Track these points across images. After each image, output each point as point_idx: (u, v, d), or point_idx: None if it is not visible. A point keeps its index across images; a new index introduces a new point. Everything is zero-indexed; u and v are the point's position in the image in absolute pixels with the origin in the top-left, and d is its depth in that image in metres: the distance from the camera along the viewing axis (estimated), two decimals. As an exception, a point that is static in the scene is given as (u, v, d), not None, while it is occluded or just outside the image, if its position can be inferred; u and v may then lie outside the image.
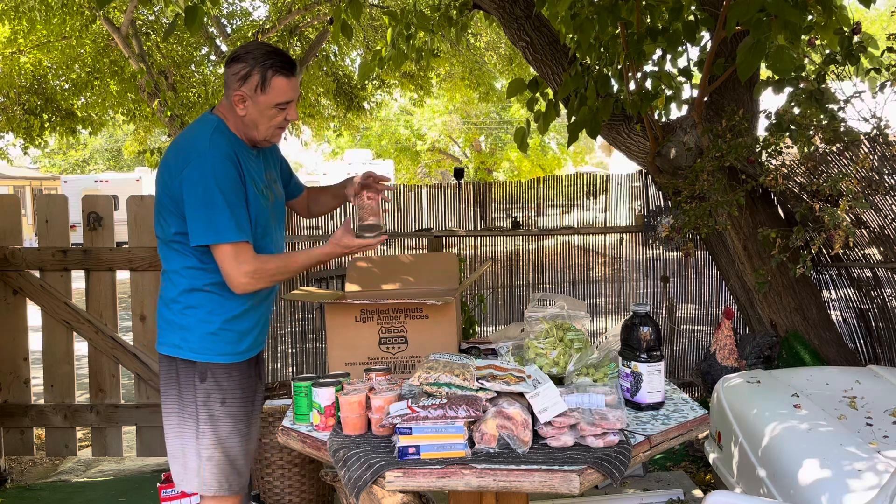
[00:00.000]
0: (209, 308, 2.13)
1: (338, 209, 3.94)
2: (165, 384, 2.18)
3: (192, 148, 2.08)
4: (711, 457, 3.05)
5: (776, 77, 3.42)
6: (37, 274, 4.02)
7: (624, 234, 5.04)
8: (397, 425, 1.75)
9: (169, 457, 2.20)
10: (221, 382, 2.14)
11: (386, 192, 2.31)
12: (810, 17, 3.21)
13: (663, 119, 3.86)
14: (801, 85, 3.38)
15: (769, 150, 3.45)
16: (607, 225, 5.16)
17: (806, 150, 3.35)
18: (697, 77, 3.68)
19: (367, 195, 2.22)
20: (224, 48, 10.10)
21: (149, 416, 4.03)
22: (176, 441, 2.17)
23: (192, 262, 2.11)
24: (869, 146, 3.27)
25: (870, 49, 3.41)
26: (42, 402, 4.11)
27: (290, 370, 5.06)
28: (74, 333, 4.06)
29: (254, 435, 2.27)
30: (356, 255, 2.43)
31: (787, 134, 3.35)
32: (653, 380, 2.05)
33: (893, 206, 3.39)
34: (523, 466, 1.68)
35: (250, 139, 2.17)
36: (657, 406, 2.06)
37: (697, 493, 3.50)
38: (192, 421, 2.14)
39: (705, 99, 3.64)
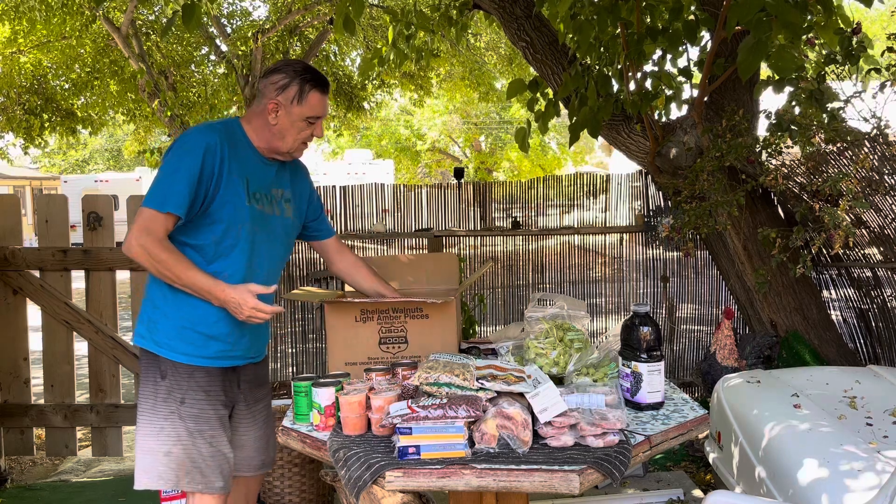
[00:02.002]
0: (172, 303, 2.13)
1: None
2: (140, 375, 2.21)
3: (185, 132, 2.16)
4: (711, 457, 3.05)
5: (776, 77, 3.42)
6: (37, 274, 4.02)
7: (624, 234, 5.04)
8: (397, 425, 1.75)
9: (135, 446, 2.21)
10: (181, 382, 2.14)
11: None
12: (810, 17, 3.21)
13: (663, 119, 3.86)
14: (801, 85, 3.38)
15: (769, 150, 3.45)
16: (607, 225, 5.16)
17: (808, 149, 3.35)
18: (697, 77, 3.68)
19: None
20: (224, 48, 10.10)
21: (149, 416, 4.03)
22: (140, 431, 2.17)
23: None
24: (869, 146, 3.27)
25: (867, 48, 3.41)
26: (42, 402, 4.11)
27: (290, 370, 5.06)
28: (74, 333, 4.06)
29: (242, 441, 2.26)
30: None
31: (788, 134, 3.35)
32: (653, 380, 2.05)
33: (893, 206, 3.39)
34: (523, 466, 1.68)
35: (274, 149, 2.19)
36: (657, 406, 2.06)
37: (697, 493, 3.49)
38: (153, 414, 2.14)
39: (705, 99, 3.64)
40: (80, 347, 4.24)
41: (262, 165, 2.21)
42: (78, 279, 4.09)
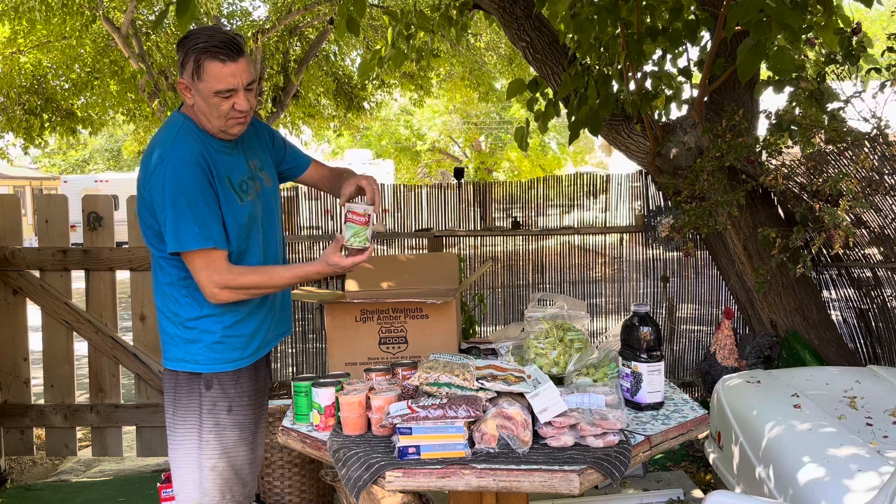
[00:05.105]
0: (208, 318, 2.05)
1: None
2: (169, 395, 2.12)
3: (157, 154, 1.97)
4: (711, 457, 3.05)
5: (776, 77, 3.42)
6: (37, 274, 4.02)
7: (624, 234, 5.05)
8: (397, 425, 1.75)
9: (171, 469, 2.15)
10: (228, 390, 2.08)
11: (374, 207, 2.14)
12: (810, 17, 3.21)
13: (663, 119, 3.86)
14: (801, 85, 3.38)
15: (769, 151, 3.45)
16: (607, 225, 5.16)
17: (809, 150, 3.35)
18: (697, 77, 3.68)
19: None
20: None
21: (149, 416, 4.03)
22: (179, 453, 2.11)
23: (184, 273, 2.02)
24: (869, 146, 3.27)
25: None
26: (42, 402, 4.11)
27: (290, 370, 5.06)
28: (74, 333, 4.06)
29: (260, 441, 2.23)
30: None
31: (788, 134, 3.35)
32: (653, 380, 2.05)
33: (893, 206, 3.39)
34: (523, 466, 1.68)
35: (208, 131, 2.03)
36: (657, 406, 2.06)
37: (697, 493, 3.49)
38: (195, 430, 2.07)
39: (705, 99, 3.64)
40: (80, 347, 4.24)
41: (230, 151, 2.07)
42: (78, 279, 4.09)
